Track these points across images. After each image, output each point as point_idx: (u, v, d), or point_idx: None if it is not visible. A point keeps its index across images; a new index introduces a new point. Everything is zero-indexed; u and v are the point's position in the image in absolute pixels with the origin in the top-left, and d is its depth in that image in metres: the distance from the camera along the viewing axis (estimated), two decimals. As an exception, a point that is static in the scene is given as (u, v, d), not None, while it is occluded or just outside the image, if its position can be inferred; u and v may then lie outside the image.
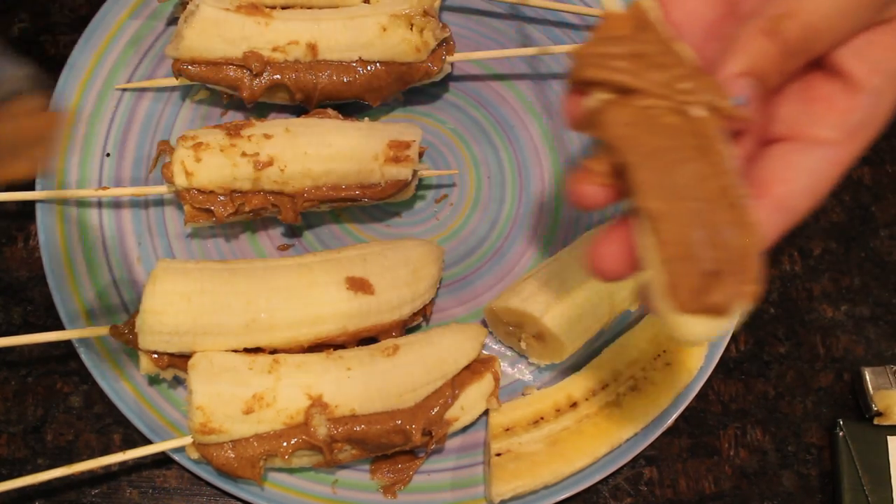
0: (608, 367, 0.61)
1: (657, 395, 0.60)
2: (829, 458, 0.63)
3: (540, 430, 0.59)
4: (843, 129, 0.41)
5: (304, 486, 0.59)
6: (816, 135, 0.41)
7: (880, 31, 0.42)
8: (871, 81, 0.41)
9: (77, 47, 0.67)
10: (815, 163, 0.41)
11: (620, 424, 0.59)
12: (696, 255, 0.36)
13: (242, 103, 0.67)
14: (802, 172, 0.41)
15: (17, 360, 0.62)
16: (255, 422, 0.55)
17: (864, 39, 0.41)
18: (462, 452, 0.61)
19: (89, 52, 0.67)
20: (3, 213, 0.66)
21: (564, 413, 0.59)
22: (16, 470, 0.60)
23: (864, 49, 0.41)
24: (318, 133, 0.61)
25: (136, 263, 0.64)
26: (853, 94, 0.42)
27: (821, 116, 0.42)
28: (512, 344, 0.63)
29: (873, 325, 0.66)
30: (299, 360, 0.57)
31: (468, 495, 0.59)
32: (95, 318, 0.61)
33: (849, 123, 0.42)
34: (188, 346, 0.56)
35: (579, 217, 0.67)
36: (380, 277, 0.59)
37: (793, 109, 0.42)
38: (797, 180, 0.41)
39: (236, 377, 0.55)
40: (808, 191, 0.41)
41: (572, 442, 0.58)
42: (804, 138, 0.42)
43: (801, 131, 0.42)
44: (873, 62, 0.41)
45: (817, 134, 0.41)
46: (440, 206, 0.67)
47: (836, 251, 0.68)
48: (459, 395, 0.58)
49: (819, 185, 0.42)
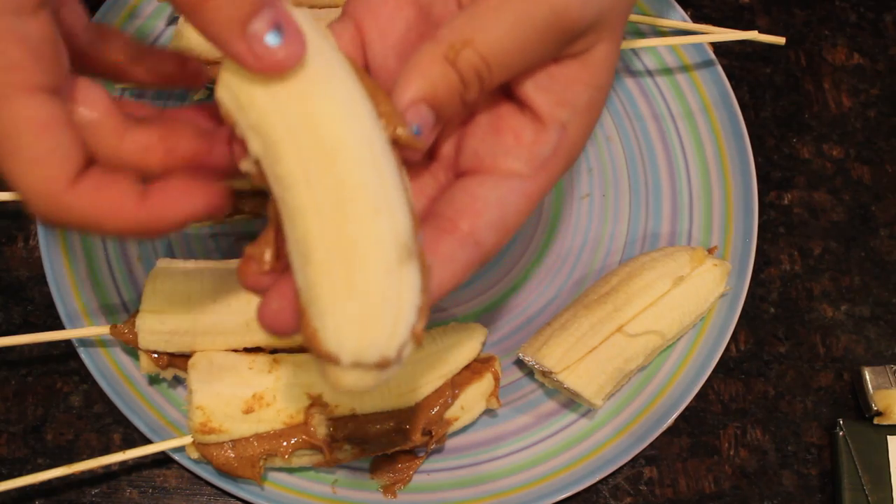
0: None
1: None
2: (829, 458, 0.63)
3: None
4: (531, 163, 0.40)
5: (304, 485, 0.59)
6: (505, 167, 0.40)
7: (565, 65, 0.41)
8: (556, 115, 0.41)
9: (77, 47, 0.67)
10: (503, 195, 0.40)
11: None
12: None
13: (242, 103, 0.67)
14: (490, 205, 0.40)
15: (17, 360, 0.62)
16: (255, 421, 0.55)
17: (549, 73, 0.41)
18: (462, 452, 0.61)
19: (89, 52, 0.67)
20: (3, 213, 0.66)
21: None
22: (16, 469, 0.60)
23: (548, 83, 0.41)
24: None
25: (136, 263, 0.64)
26: (539, 127, 0.41)
27: (509, 149, 0.41)
28: (555, 386, 0.62)
29: (873, 324, 0.66)
30: (299, 360, 0.57)
31: (468, 495, 0.59)
32: (95, 317, 0.61)
33: (537, 156, 0.41)
34: (188, 346, 0.56)
35: (579, 217, 0.67)
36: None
37: (482, 142, 0.41)
38: (485, 214, 0.40)
39: (236, 377, 0.55)
40: (497, 224, 0.40)
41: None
42: (493, 171, 0.40)
43: (491, 164, 0.41)
44: (558, 96, 0.41)
45: (506, 166, 0.40)
46: (440, 206, 0.67)
47: (836, 251, 0.68)
48: (459, 394, 0.58)
49: (508, 219, 0.40)
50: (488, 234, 0.40)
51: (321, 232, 0.34)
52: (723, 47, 0.72)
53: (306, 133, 0.34)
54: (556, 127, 0.41)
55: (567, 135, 0.41)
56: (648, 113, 0.69)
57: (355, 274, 0.33)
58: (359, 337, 0.34)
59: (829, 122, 0.71)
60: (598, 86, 0.42)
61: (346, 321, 0.33)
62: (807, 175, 0.70)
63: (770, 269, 0.67)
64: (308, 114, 0.35)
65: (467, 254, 0.39)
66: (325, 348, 0.34)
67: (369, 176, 0.34)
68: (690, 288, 0.61)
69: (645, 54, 0.70)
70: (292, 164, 0.34)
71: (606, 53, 0.42)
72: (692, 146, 0.68)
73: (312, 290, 0.34)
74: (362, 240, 0.34)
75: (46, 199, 0.36)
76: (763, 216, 0.68)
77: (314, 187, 0.34)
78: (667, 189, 0.68)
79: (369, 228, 0.34)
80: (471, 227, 0.40)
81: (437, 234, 0.39)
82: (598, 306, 0.60)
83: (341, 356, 0.34)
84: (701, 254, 0.62)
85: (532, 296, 0.65)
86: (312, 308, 0.34)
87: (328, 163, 0.34)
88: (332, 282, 0.34)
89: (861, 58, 0.73)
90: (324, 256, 0.34)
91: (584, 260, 0.66)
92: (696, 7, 0.74)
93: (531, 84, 0.41)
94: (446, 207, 0.40)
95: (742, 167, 0.66)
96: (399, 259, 0.34)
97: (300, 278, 0.35)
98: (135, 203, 0.37)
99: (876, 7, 0.75)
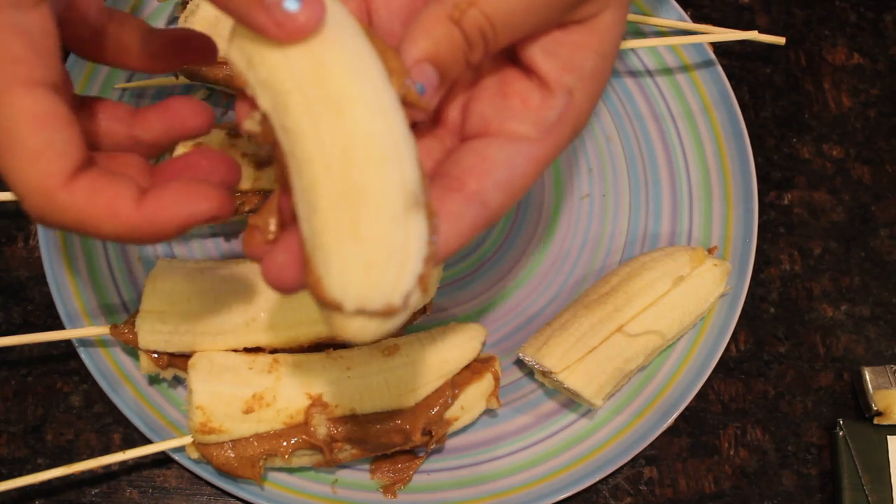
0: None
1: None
2: (829, 458, 0.63)
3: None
4: (538, 127, 0.40)
5: (304, 485, 0.59)
6: (512, 130, 0.40)
7: (572, 31, 0.41)
8: (563, 80, 0.41)
9: (77, 47, 0.67)
10: (510, 157, 0.40)
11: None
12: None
13: (242, 103, 0.67)
14: (497, 166, 0.40)
15: (17, 360, 0.62)
16: (255, 421, 0.55)
17: (555, 38, 0.41)
18: (462, 452, 0.61)
19: (89, 52, 0.67)
20: (3, 213, 0.66)
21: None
22: (16, 469, 0.60)
23: (554, 48, 0.41)
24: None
25: (136, 263, 0.64)
26: (546, 92, 0.41)
27: (516, 113, 0.41)
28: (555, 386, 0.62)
29: (873, 324, 0.66)
30: (299, 360, 0.57)
31: (468, 495, 0.59)
32: (95, 317, 0.61)
33: (543, 121, 0.41)
34: (188, 346, 0.56)
35: (579, 217, 0.67)
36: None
37: (489, 105, 0.41)
38: (492, 174, 0.40)
39: (236, 377, 0.55)
40: (504, 185, 0.40)
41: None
42: (500, 133, 0.40)
43: (498, 127, 0.41)
44: (564, 61, 0.41)
45: (513, 129, 0.40)
46: (440, 206, 0.67)
47: (836, 251, 0.68)
48: (459, 394, 0.58)
49: (515, 180, 0.40)
50: (495, 195, 0.40)
51: (328, 179, 0.34)
52: (723, 47, 0.72)
53: (315, 83, 0.34)
54: (562, 92, 0.41)
55: (573, 101, 0.41)
56: (648, 113, 0.69)
57: (361, 220, 0.33)
58: (363, 283, 0.33)
59: (829, 122, 0.71)
60: (605, 53, 0.42)
61: (350, 267, 0.33)
62: (807, 175, 0.70)
63: (770, 269, 0.67)
64: (318, 65, 0.34)
65: (473, 213, 0.39)
66: (329, 295, 0.33)
67: (377, 124, 0.34)
68: (690, 288, 0.61)
69: (645, 54, 0.70)
70: (301, 114, 0.34)
71: (613, 20, 0.42)
72: (692, 146, 0.68)
73: (318, 238, 0.34)
74: (369, 186, 0.33)
75: (41, 196, 0.35)
76: (763, 216, 0.68)
77: (322, 136, 0.34)
78: (667, 189, 0.68)
79: (376, 175, 0.34)
80: (478, 186, 0.39)
81: (443, 193, 0.39)
82: (598, 306, 0.60)
83: (345, 302, 0.33)
84: (701, 254, 0.62)
85: (532, 296, 0.65)
86: (317, 255, 0.34)
87: (336, 111, 0.34)
88: (338, 228, 0.33)
89: (861, 58, 0.73)
90: (330, 203, 0.33)
91: (584, 260, 0.66)
92: (696, 7, 0.74)
93: (537, 49, 0.41)
94: (453, 167, 0.40)
95: (742, 167, 0.66)
96: (406, 207, 0.34)
97: (306, 227, 0.35)
98: (132, 205, 0.37)
99: (876, 7, 0.75)
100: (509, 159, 0.40)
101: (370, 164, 0.34)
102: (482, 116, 0.41)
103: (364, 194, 0.33)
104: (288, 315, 0.57)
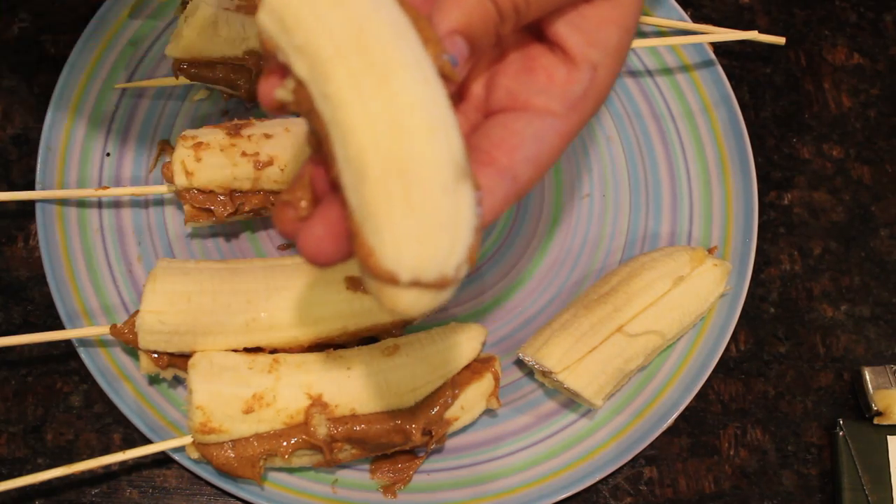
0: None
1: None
2: (829, 458, 0.63)
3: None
4: (563, 101, 0.41)
5: (304, 485, 0.59)
6: (539, 105, 0.40)
7: (596, 5, 0.41)
8: (588, 55, 0.41)
9: (77, 47, 0.66)
10: (539, 131, 0.40)
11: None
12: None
13: (242, 103, 0.67)
14: (527, 140, 0.40)
15: (17, 360, 0.62)
16: (255, 421, 0.55)
17: (581, 13, 0.41)
18: (462, 452, 0.61)
19: (89, 52, 0.67)
20: (3, 213, 0.66)
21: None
22: (16, 469, 0.60)
23: (580, 22, 0.41)
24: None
25: (136, 263, 0.64)
26: (571, 67, 0.41)
27: (542, 88, 0.41)
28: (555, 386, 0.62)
29: (873, 324, 0.66)
30: (299, 360, 0.57)
31: (468, 495, 0.59)
32: (95, 317, 0.61)
33: (569, 96, 0.41)
34: (188, 346, 0.56)
35: (579, 217, 0.67)
36: (380, 277, 0.59)
37: (514, 80, 0.41)
38: (522, 148, 0.40)
39: (236, 377, 0.55)
40: (534, 160, 0.40)
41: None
42: (527, 108, 0.41)
43: (524, 101, 0.41)
44: (589, 36, 0.41)
45: (540, 104, 0.40)
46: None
47: (836, 251, 0.68)
48: (459, 394, 0.58)
49: (543, 155, 0.40)
50: (525, 169, 0.40)
51: (376, 149, 0.33)
52: (723, 47, 0.72)
53: (357, 51, 0.34)
54: (587, 67, 0.41)
55: (597, 76, 0.41)
56: (648, 113, 0.69)
57: (413, 190, 0.33)
58: (418, 253, 0.33)
59: (829, 122, 0.71)
60: (628, 27, 0.42)
61: (404, 237, 0.33)
62: (807, 175, 0.70)
63: (770, 269, 0.67)
64: (358, 31, 0.34)
65: (505, 187, 0.39)
66: (384, 266, 0.33)
67: (424, 94, 0.34)
68: (690, 288, 0.61)
69: (645, 54, 0.70)
70: (343, 82, 0.34)
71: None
72: (692, 146, 0.68)
73: (368, 208, 0.33)
74: (419, 156, 0.33)
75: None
76: (763, 216, 0.68)
77: (368, 104, 0.33)
78: (667, 189, 0.68)
79: (426, 145, 0.33)
80: (509, 160, 0.39)
81: (474, 167, 0.38)
82: (598, 306, 0.60)
83: (400, 273, 0.33)
84: (701, 254, 0.62)
85: (532, 296, 0.65)
86: (367, 225, 0.33)
87: (381, 80, 0.34)
88: (389, 198, 0.33)
89: (861, 58, 0.73)
90: (379, 173, 0.33)
91: (584, 260, 0.66)
92: (696, 7, 0.74)
93: (563, 23, 0.41)
94: (482, 140, 0.40)
95: (742, 167, 0.66)
96: (455, 177, 0.33)
97: (353, 198, 0.34)
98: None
99: (876, 7, 0.75)
100: (537, 134, 0.40)
101: (419, 134, 0.33)
102: (508, 91, 0.41)
103: (415, 164, 0.33)
104: (288, 315, 0.57)
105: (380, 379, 0.56)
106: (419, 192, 0.33)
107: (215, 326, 0.56)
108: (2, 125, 0.67)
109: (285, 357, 0.57)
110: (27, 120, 0.68)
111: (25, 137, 0.67)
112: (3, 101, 0.68)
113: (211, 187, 0.60)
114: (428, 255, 0.33)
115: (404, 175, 0.33)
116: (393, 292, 0.33)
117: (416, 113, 0.33)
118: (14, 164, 0.67)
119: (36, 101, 0.68)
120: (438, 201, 0.33)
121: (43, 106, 0.66)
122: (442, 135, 0.34)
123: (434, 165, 0.33)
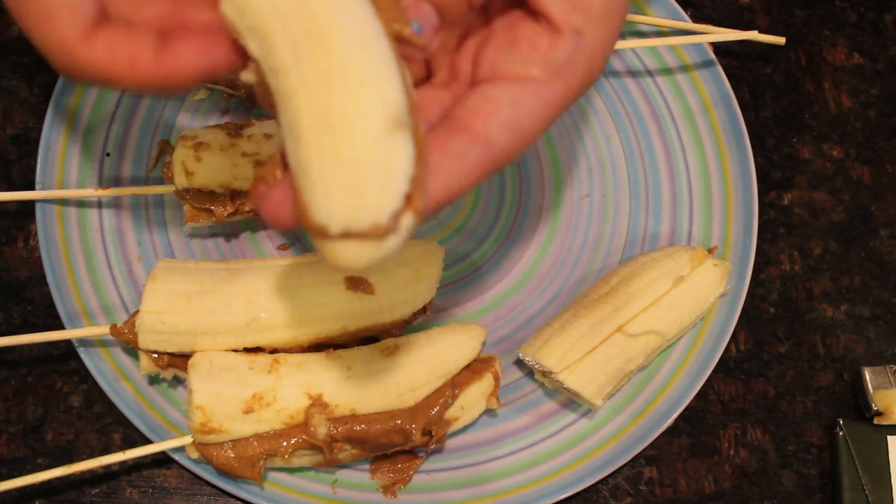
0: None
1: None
2: (829, 458, 0.63)
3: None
4: (546, 68, 0.40)
5: (304, 485, 0.59)
6: (519, 72, 0.40)
7: None
8: (571, 21, 0.40)
9: (77, 47, 0.66)
10: (516, 97, 0.40)
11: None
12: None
13: (242, 103, 0.67)
14: (503, 105, 0.40)
15: (17, 360, 0.62)
16: (255, 421, 0.55)
17: None
18: (462, 452, 0.61)
19: (89, 52, 0.67)
20: (3, 213, 0.66)
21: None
22: (16, 469, 0.60)
23: None
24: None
25: (136, 263, 0.64)
26: (554, 34, 0.41)
27: (525, 56, 0.41)
28: (555, 386, 0.62)
29: (873, 324, 0.66)
30: (299, 360, 0.57)
31: (468, 495, 0.59)
32: (95, 317, 0.61)
33: (552, 62, 0.40)
34: (188, 346, 0.56)
35: (579, 217, 0.67)
36: (379, 277, 0.59)
37: (497, 51, 0.41)
38: (496, 113, 0.39)
39: (236, 377, 0.55)
40: (510, 124, 0.40)
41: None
42: (507, 76, 0.40)
43: (506, 70, 0.41)
44: (572, 2, 0.40)
45: (520, 71, 0.40)
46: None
47: (836, 251, 0.68)
48: (459, 394, 0.58)
49: (522, 120, 0.40)
50: (500, 133, 0.39)
51: (309, 109, 0.34)
52: (723, 47, 0.72)
53: (297, 20, 0.35)
54: (571, 33, 0.41)
55: (584, 42, 0.41)
56: (648, 113, 0.69)
57: (341, 142, 0.33)
58: (346, 203, 0.33)
59: (829, 122, 0.71)
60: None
61: (333, 188, 0.33)
62: (807, 175, 0.70)
63: (770, 269, 0.67)
64: (301, 5, 0.35)
65: (477, 151, 0.39)
66: (316, 219, 0.33)
67: (355, 52, 0.34)
68: (690, 288, 0.61)
69: (645, 54, 0.70)
70: (284, 51, 0.35)
71: None
72: (692, 146, 0.68)
73: (302, 166, 0.34)
74: (348, 110, 0.34)
75: (62, 53, 0.37)
76: (763, 216, 0.68)
77: (303, 68, 0.34)
78: (667, 189, 0.68)
79: (355, 99, 0.34)
80: (483, 126, 0.39)
81: (447, 133, 0.39)
82: (598, 306, 0.60)
83: (330, 224, 0.33)
84: (701, 254, 0.62)
85: (532, 296, 0.65)
86: (302, 183, 0.34)
87: (316, 44, 0.34)
88: (319, 153, 0.33)
89: (861, 58, 0.73)
90: (311, 132, 0.34)
91: (584, 260, 0.66)
92: (696, 7, 0.74)
93: None
94: (458, 109, 0.40)
95: (742, 167, 0.66)
96: (388, 129, 0.34)
97: (293, 160, 0.35)
98: (150, 56, 0.38)
99: (876, 7, 0.75)
100: (515, 99, 0.40)
101: (349, 90, 0.34)
102: (490, 62, 0.41)
103: (344, 118, 0.33)
104: (288, 315, 0.57)
105: (380, 379, 0.56)
106: (347, 144, 0.33)
107: (215, 326, 0.56)
108: (2, 125, 0.67)
109: (285, 357, 0.57)
110: (27, 120, 0.68)
111: (25, 137, 0.67)
112: (3, 101, 0.68)
113: (211, 187, 0.60)
114: (356, 203, 0.33)
115: (333, 130, 0.33)
116: (331, 246, 0.34)
117: (346, 70, 0.34)
118: (14, 164, 0.67)
119: (36, 101, 0.68)
120: (368, 151, 0.33)
121: (43, 106, 0.66)
122: (373, 88, 0.34)
123: (363, 118, 0.34)
